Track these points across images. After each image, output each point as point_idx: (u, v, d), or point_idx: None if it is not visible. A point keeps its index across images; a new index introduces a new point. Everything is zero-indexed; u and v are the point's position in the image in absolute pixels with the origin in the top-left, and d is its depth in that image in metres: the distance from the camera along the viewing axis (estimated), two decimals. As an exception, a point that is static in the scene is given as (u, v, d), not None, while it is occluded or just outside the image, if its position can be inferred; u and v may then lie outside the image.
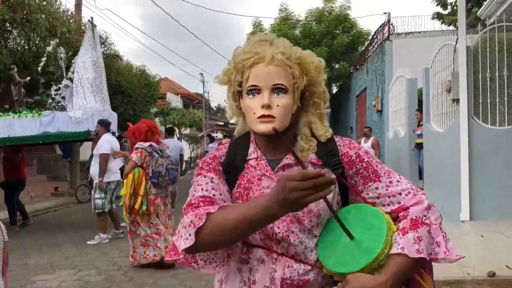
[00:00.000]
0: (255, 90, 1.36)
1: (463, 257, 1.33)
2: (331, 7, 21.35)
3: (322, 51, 19.71)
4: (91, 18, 9.26)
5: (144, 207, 5.45)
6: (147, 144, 5.67)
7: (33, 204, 11.65)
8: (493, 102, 6.95)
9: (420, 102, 9.38)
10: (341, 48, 20.02)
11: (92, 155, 8.61)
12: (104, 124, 7.72)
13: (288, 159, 1.39)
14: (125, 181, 5.52)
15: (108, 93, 9.57)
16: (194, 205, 1.33)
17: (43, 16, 11.08)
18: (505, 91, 6.90)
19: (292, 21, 21.89)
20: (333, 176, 1.30)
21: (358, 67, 18.53)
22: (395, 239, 1.25)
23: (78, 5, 15.08)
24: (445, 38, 8.09)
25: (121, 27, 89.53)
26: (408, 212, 1.32)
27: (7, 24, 10.37)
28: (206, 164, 1.44)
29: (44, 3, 11.36)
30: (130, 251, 5.57)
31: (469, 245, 5.63)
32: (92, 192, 7.51)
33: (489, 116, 6.94)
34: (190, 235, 1.25)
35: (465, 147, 6.88)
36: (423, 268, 1.34)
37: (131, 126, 6.62)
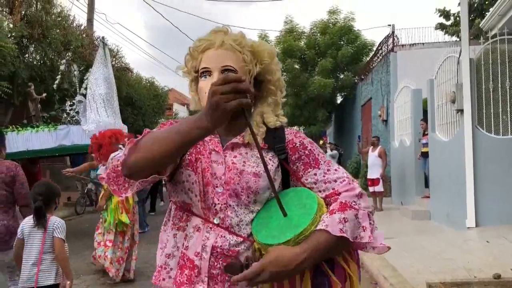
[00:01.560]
0: (206, 73, 1.42)
1: (388, 247, 1.36)
2: (336, 18, 21.66)
3: (327, 62, 20.00)
4: (103, 37, 9.64)
5: (127, 221, 5.48)
6: (117, 153, 5.63)
7: (47, 214, 11.93)
8: (496, 112, 7.20)
9: (425, 112, 9.63)
10: (346, 58, 20.31)
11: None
12: None
13: (237, 139, 1.45)
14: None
15: (119, 105, 9.94)
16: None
17: (57, 31, 11.44)
18: (508, 101, 7.15)
19: (297, 32, 22.23)
20: (250, 87, 1.32)
21: (363, 77, 18.81)
22: (322, 218, 1.31)
23: (90, 20, 15.51)
24: (448, 50, 8.37)
25: (130, 39, 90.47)
26: (339, 196, 1.39)
27: (25, 40, 10.74)
28: (166, 124, 1.50)
29: (59, 19, 11.74)
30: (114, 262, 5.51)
31: (475, 250, 5.85)
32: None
33: (492, 125, 7.18)
34: (127, 150, 1.33)
35: (469, 155, 7.12)
36: (350, 255, 1.39)
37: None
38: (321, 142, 21.66)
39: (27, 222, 3.30)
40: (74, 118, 9.38)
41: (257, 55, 1.46)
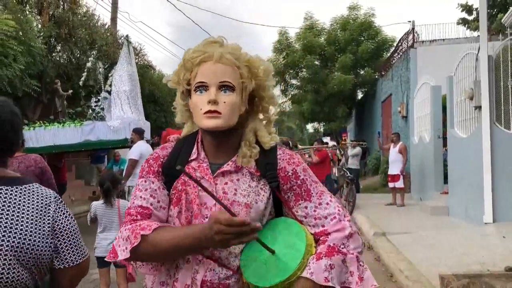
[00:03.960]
0: (202, 87, 1.36)
1: (377, 286, 1.35)
2: (356, 14, 21.63)
3: (347, 58, 20.01)
4: (127, 35, 9.95)
5: None
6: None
7: (73, 207, 12.35)
8: (514, 109, 7.22)
9: (444, 109, 9.66)
10: (366, 54, 20.27)
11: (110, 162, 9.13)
12: (138, 132, 8.25)
13: (229, 166, 1.40)
14: None
15: (142, 102, 10.23)
16: (132, 217, 1.38)
17: (83, 30, 11.82)
18: (527, 98, 7.16)
19: (317, 29, 22.26)
20: (258, 224, 1.28)
21: (383, 73, 18.77)
22: (309, 263, 1.28)
23: (114, 19, 15.88)
24: (467, 47, 8.39)
25: (152, 37, 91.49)
26: (328, 238, 1.34)
27: (53, 40, 11.15)
28: (148, 165, 1.46)
29: (85, 18, 12.13)
30: None
31: (491, 245, 5.94)
32: (126, 195, 8.03)
33: (510, 122, 7.20)
34: (126, 248, 1.33)
35: (487, 152, 7.17)
36: None
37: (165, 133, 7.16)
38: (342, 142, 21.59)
39: (98, 204, 4.18)
40: (99, 114, 9.66)
41: (253, 71, 1.42)
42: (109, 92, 9.66)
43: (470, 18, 20.25)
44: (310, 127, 45.37)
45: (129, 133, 8.90)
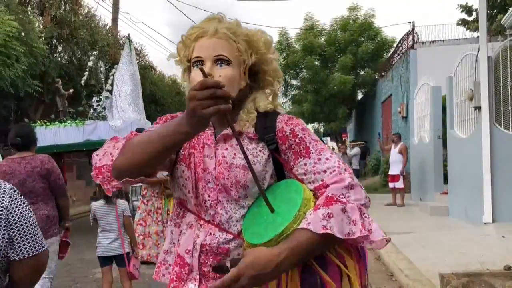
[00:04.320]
0: (199, 62, 1.36)
1: (387, 239, 1.25)
2: (356, 15, 21.69)
3: (347, 59, 20.07)
4: (128, 35, 10.01)
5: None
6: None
7: (75, 207, 12.40)
8: (514, 110, 7.27)
9: (444, 109, 9.71)
10: (366, 55, 20.34)
11: None
12: (140, 132, 8.35)
13: (228, 130, 1.39)
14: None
15: (143, 102, 10.28)
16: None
17: (85, 31, 11.88)
18: (526, 99, 7.21)
19: (317, 29, 22.32)
20: (229, 93, 1.20)
21: (383, 74, 18.83)
22: (306, 215, 1.23)
23: (115, 19, 15.95)
24: (467, 47, 8.44)
25: (153, 38, 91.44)
26: (327, 189, 1.30)
27: (54, 40, 11.21)
28: (162, 120, 1.51)
29: (86, 19, 12.19)
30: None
31: (490, 245, 5.98)
32: (130, 196, 8.08)
33: (510, 122, 7.25)
34: (114, 151, 1.36)
35: (487, 152, 7.22)
36: (347, 252, 1.31)
37: None
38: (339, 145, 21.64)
39: (97, 204, 4.31)
40: (100, 114, 9.72)
41: (253, 45, 1.40)
42: (111, 92, 9.71)
43: (470, 19, 20.29)
44: (310, 127, 45.44)
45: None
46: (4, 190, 1.51)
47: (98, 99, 10.04)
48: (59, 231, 3.88)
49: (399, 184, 10.56)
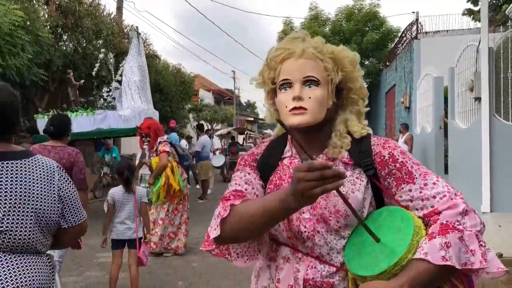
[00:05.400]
0: (286, 84, 1.34)
1: (506, 270, 1.20)
2: (361, 4, 21.63)
3: (352, 48, 19.91)
4: (137, 27, 10.09)
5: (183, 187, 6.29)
6: (165, 136, 6.75)
7: (80, 194, 12.56)
8: (514, 101, 7.30)
9: (446, 100, 9.75)
10: (371, 45, 20.30)
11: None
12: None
13: (320, 158, 1.36)
14: (165, 170, 6.23)
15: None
16: (225, 198, 1.35)
17: (89, 20, 11.95)
18: (527, 90, 7.24)
19: (322, 19, 22.26)
20: (343, 169, 1.26)
21: (387, 64, 18.81)
22: (421, 244, 1.18)
23: (119, 8, 16.00)
24: (469, 38, 8.46)
25: (157, 27, 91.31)
26: (440, 216, 1.23)
27: (59, 29, 11.29)
28: (243, 160, 1.47)
29: (91, 8, 12.25)
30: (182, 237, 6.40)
31: (486, 234, 5.95)
32: (139, 182, 8.27)
33: (510, 113, 7.29)
34: (217, 225, 1.28)
35: (486, 143, 7.27)
36: (461, 282, 1.25)
37: (175, 123, 7.45)
38: None
39: (116, 190, 4.56)
40: (110, 104, 9.94)
41: (339, 62, 1.38)
42: (119, 82, 9.89)
43: (476, 8, 20.18)
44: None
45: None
46: (53, 169, 1.74)
47: (108, 89, 10.28)
48: None
49: (404, 173, 10.61)
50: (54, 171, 1.73)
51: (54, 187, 1.70)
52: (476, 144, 7.54)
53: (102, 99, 9.81)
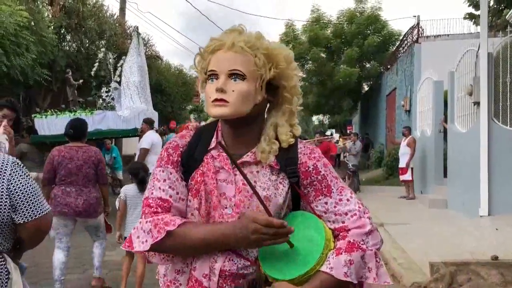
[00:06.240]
0: (213, 76, 1.34)
1: (390, 283, 1.39)
2: (363, 7, 21.71)
3: (353, 51, 20.12)
4: (137, 27, 10.17)
5: None
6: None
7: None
8: (512, 105, 7.38)
9: (446, 104, 9.83)
10: (372, 48, 20.37)
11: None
12: (148, 122, 8.49)
13: (249, 157, 1.38)
14: None
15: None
16: (152, 209, 1.34)
17: (93, 20, 12.07)
18: (525, 95, 7.32)
19: (324, 21, 22.35)
20: (292, 228, 1.28)
21: (388, 67, 18.89)
22: (328, 258, 1.28)
23: (122, 9, 16.09)
24: (469, 43, 8.54)
25: (160, 28, 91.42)
26: (348, 234, 1.34)
27: (63, 30, 11.41)
28: (167, 154, 1.43)
29: (94, 9, 12.38)
30: None
31: (483, 236, 6.15)
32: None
33: (508, 118, 7.37)
34: (146, 241, 1.30)
35: (484, 147, 7.35)
36: (354, 286, 1.35)
37: (175, 124, 7.48)
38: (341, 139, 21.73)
39: (130, 189, 4.52)
40: (109, 104, 9.95)
41: (273, 59, 1.36)
42: (119, 83, 9.92)
43: (477, 13, 20.18)
44: (315, 119, 45.50)
45: (139, 123, 9.14)
46: (6, 163, 1.76)
47: (107, 89, 10.27)
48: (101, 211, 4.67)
49: (406, 176, 10.66)
50: (6, 166, 1.74)
51: (3, 182, 1.71)
52: (474, 148, 7.61)
53: (101, 100, 9.85)
